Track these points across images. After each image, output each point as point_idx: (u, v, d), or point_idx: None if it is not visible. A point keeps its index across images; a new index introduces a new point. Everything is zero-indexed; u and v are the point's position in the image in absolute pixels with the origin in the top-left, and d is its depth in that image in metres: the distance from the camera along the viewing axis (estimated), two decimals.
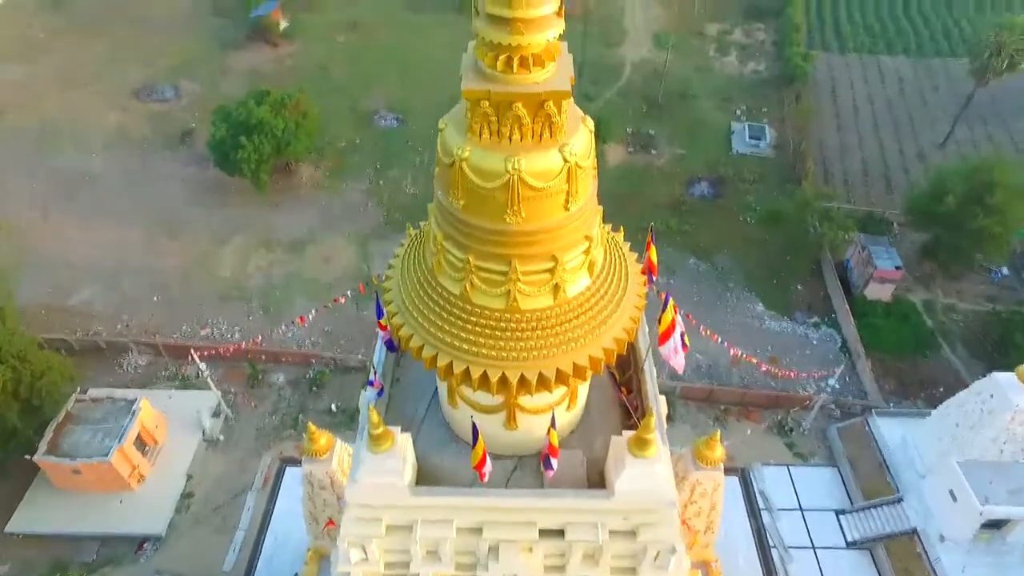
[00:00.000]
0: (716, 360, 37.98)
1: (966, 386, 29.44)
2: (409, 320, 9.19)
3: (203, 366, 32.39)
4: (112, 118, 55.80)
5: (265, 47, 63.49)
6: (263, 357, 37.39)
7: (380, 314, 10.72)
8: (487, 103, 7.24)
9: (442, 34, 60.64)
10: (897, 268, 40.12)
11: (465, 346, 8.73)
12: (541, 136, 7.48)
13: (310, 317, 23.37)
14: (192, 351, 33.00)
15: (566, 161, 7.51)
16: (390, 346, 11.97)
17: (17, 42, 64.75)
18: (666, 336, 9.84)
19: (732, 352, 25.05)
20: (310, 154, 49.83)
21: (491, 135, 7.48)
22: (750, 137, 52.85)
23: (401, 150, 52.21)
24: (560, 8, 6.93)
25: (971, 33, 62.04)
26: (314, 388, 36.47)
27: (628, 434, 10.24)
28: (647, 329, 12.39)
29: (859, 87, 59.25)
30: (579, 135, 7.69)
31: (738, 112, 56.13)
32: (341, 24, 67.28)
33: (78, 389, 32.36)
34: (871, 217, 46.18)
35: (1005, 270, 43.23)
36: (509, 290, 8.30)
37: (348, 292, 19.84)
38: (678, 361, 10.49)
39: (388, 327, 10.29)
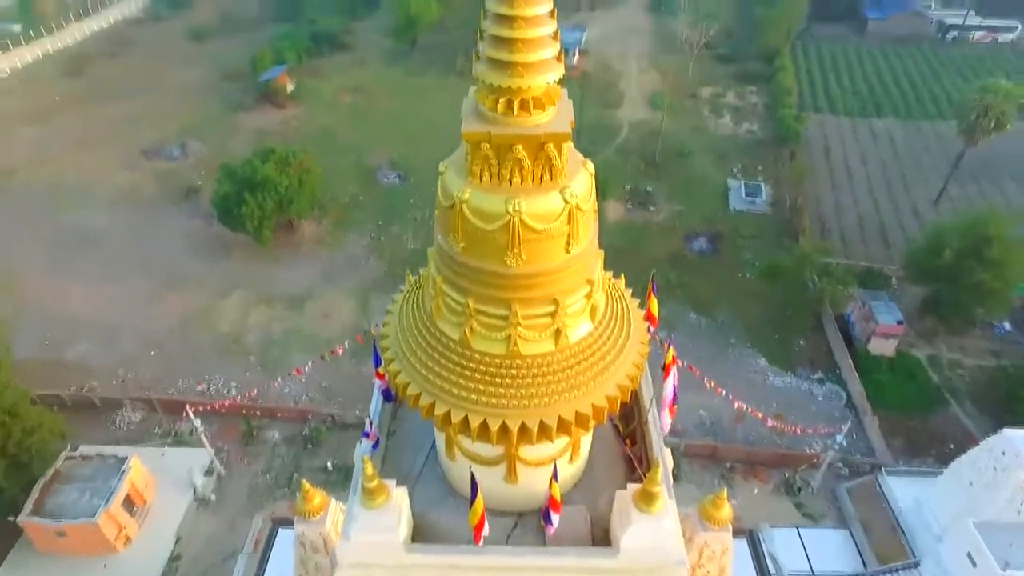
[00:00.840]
0: (719, 416, 37.26)
1: (977, 443, 28.71)
2: (406, 367, 8.98)
3: (197, 422, 31.73)
4: (120, 177, 56.92)
5: (272, 109, 65.44)
6: (258, 413, 36.70)
7: (377, 362, 10.51)
8: (487, 145, 7.28)
9: (443, 96, 62.52)
10: (899, 323, 39.94)
11: (464, 393, 8.49)
12: (541, 178, 7.50)
13: (307, 368, 23.04)
14: (187, 407, 32.41)
15: (567, 203, 7.50)
16: (387, 396, 11.70)
17: (35, 106, 66.98)
18: (665, 376, 9.61)
19: (736, 405, 24.54)
20: (313, 211, 50.45)
21: (491, 177, 7.50)
22: (746, 194, 53.67)
23: (403, 206, 52.94)
24: (559, 54, 7.08)
25: (957, 98, 63.97)
26: (310, 445, 35.63)
27: (633, 487, 9.85)
28: (650, 379, 12.16)
29: (851, 147, 60.65)
30: (580, 178, 7.72)
31: (734, 170, 57.22)
32: (346, 88, 69.62)
33: (68, 446, 31.59)
34: (870, 272, 46.30)
35: (1008, 325, 43.01)
36: (509, 335, 8.13)
37: (346, 343, 19.61)
38: (663, 420, 10.26)
39: (385, 376, 10.06)
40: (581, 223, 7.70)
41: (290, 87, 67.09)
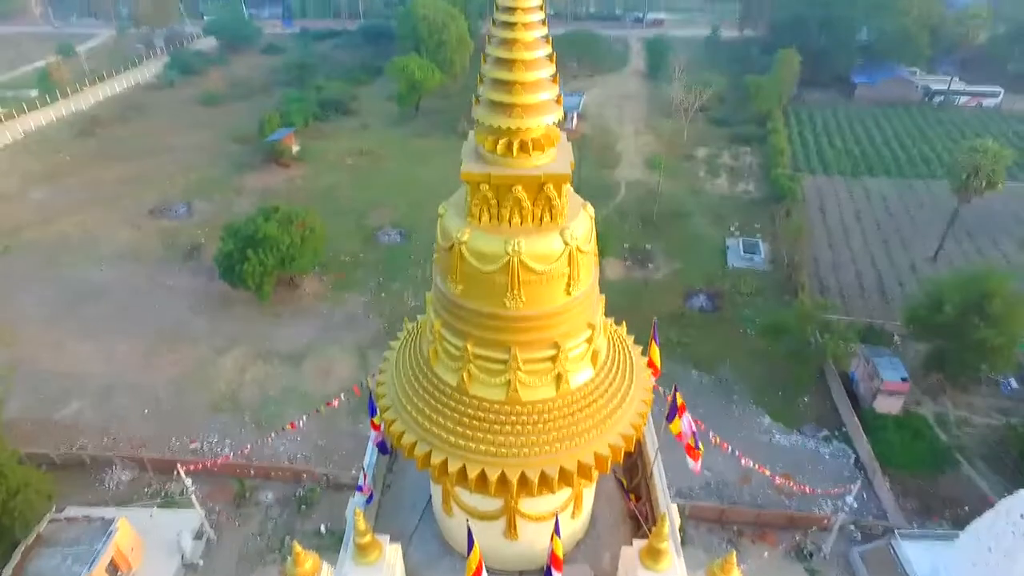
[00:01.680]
0: (725, 478, 36.27)
1: (991, 504, 27.83)
2: (402, 415, 8.74)
3: (188, 482, 30.81)
4: (124, 235, 57.54)
5: (277, 169, 66.85)
6: (252, 472, 35.72)
7: (373, 412, 10.26)
8: (487, 186, 7.32)
9: (445, 158, 63.96)
10: (904, 380, 39.41)
11: (462, 442, 8.22)
12: (541, 219, 7.50)
13: (301, 423, 22.53)
14: (178, 466, 31.55)
15: (567, 244, 7.47)
16: (382, 448, 11.37)
17: (46, 166, 68.56)
18: (680, 414, 9.33)
19: (743, 462, 23.88)
20: (314, 268, 50.75)
21: (491, 218, 7.50)
22: (744, 252, 54.08)
23: (404, 264, 53.26)
24: (558, 97, 7.22)
25: (947, 158, 65.50)
26: (303, 507, 34.50)
27: (639, 544, 9.42)
28: (654, 432, 11.83)
29: (846, 205, 61.57)
30: (580, 220, 7.73)
31: (731, 229, 57.87)
32: (350, 150, 71.37)
33: (53, 508, 30.60)
34: (871, 329, 46.06)
35: (1014, 382, 42.43)
36: (509, 380, 7.94)
37: (342, 395, 19.25)
38: (693, 463, 9.89)
39: (381, 426, 9.79)
40: (582, 265, 7.65)
41: (295, 148, 68.77)
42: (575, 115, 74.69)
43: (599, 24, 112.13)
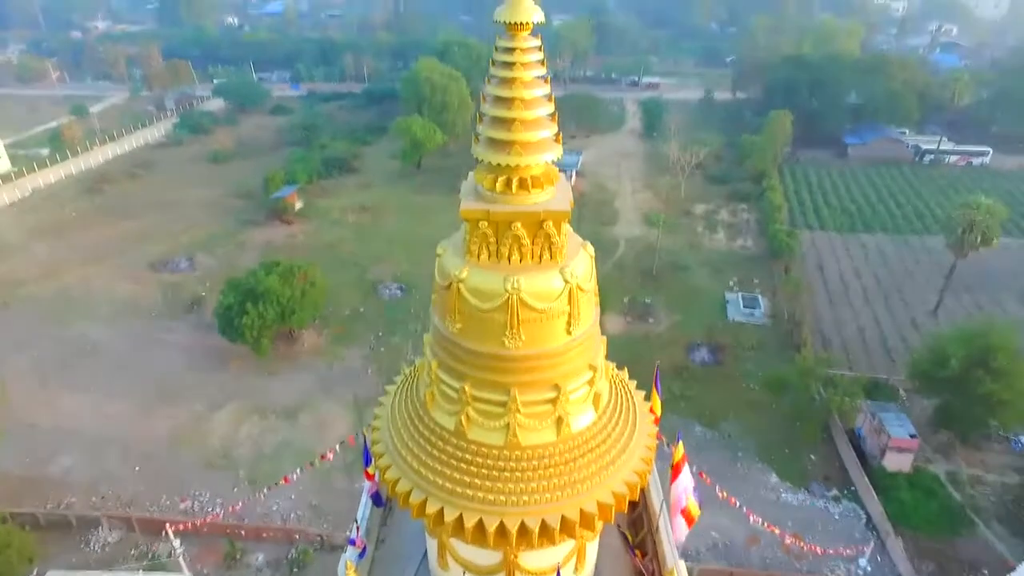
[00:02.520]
0: (732, 538, 35.00)
1: (1012, 568, 26.75)
2: (397, 461, 8.44)
3: (177, 543, 29.68)
4: (125, 289, 57.67)
5: (280, 225, 67.67)
6: (243, 533, 34.48)
7: (368, 461, 9.94)
8: (486, 223, 7.31)
9: (446, 214, 64.60)
10: (912, 436, 38.59)
11: (459, 489, 7.90)
12: (541, 257, 7.45)
13: (295, 477, 21.88)
14: (167, 526, 30.48)
15: (567, 282, 7.39)
16: (376, 500, 10.96)
17: (51, 222, 69.43)
18: (676, 473, 8.99)
19: (751, 519, 23.04)
20: (314, 321, 50.60)
21: (490, 256, 7.45)
22: (745, 306, 54.08)
23: (404, 318, 53.12)
24: (557, 135, 7.29)
25: (940, 214, 66.41)
26: (296, 569, 33.16)
27: None
28: (659, 483, 11.44)
29: (844, 261, 61.97)
30: (579, 258, 7.67)
31: (731, 283, 58.04)
32: (352, 206, 72.43)
33: (35, 571, 29.40)
34: (876, 384, 45.49)
35: None
36: (508, 423, 7.70)
37: (336, 447, 18.75)
38: (676, 529, 9.52)
39: (375, 476, 9.46)
40: (582, 304, 7.55)
41: (298, 205, 69.81)
42: (573, 173, 76.17)
43: (596, 87, 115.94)
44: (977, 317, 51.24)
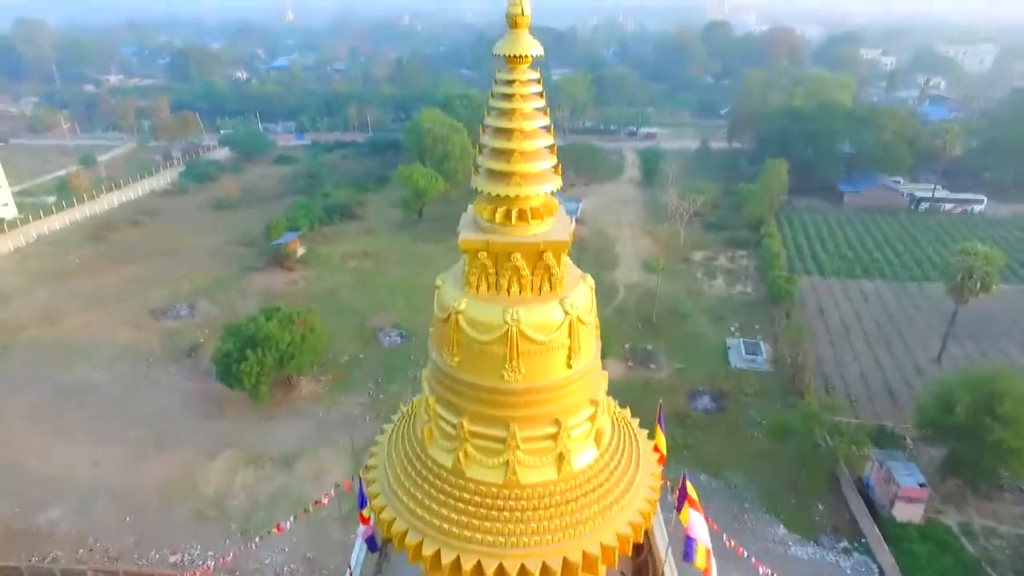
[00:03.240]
0: None
1: None
2: (393, 501, 8.17)
3: None
4: (124, 335, 57.45)
5: (281, 272, 67.95)
6: None
7: (363, 504, 9.65)
8: (485, 254, 7.28)
9: (448, 262, 62.42)
10: (921, 486, 37.67)
11: (456, 530, 7.61)
12: (541, 288, 7.39)
13: (288, 526, 21.19)
14: None
15: (567, 314, 7.31)
16: (371, 544, 10.57)
17: (54, 268, 69.79)
18: (679, 506, 8.68)
19: (762, 571, 22.20)
20: (313, 368, 50.19)
21: (489, 287, 7.40)
22: (746, 352, 53.72)
23: (403, 365, 52.70)
24: (557, 166, 7.35)
25: (938, 260, 66.70)
26: None
27: None
28: (663, 526, 11.05)
29: (844, 306, 61.90)
30: (580, 290, 7.61)
31: (732, 329, 57.83)
32: (354, 253, 72.91)
33: None
34: (882, 431, 44.72)
35: None
36: (507, 460, 7.48)
37: (331, 491, 18.23)
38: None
39: (371, 519, 9.15)
40: (583, 336, 7.44)
41: (300, 251, 70.28)
42: (573, 220, 75.59)
43: (595, 137, 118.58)
44: (981, 363, 50.85)
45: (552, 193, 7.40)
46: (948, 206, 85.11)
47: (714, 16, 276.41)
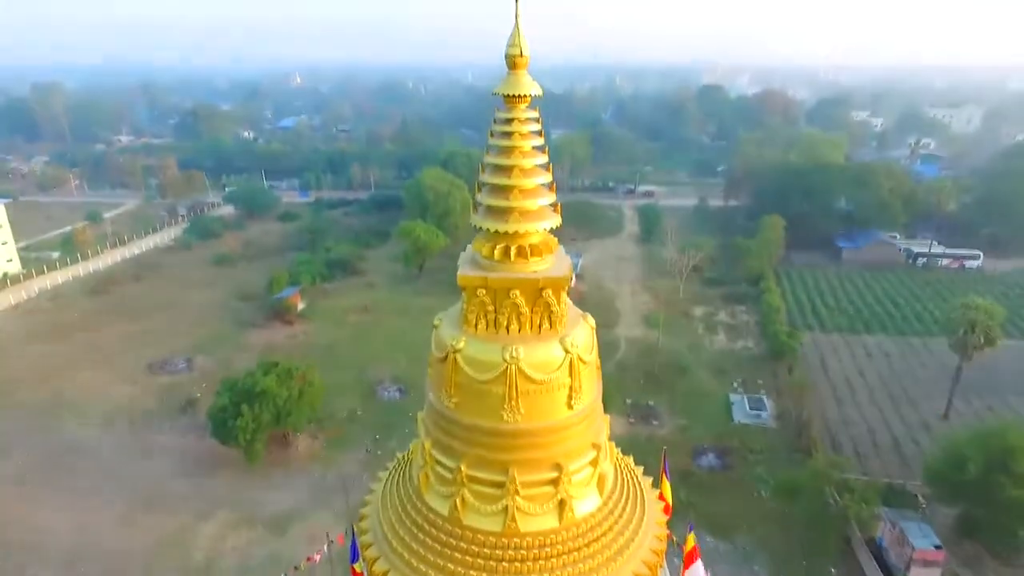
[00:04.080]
0: None
1: None
2: (387, 552, 7.81)
3: None
4: (120, 391, 56.76)
5: (281, 326, 67.76)
6: None
7: (355, 557, 9.21)
8: (484, 291, 7.20)
9: None
10: (937, 548, 36.32)
11: None
12: (540, 326, 7.28)
13: None
14: None
15: (567, 352, 7.16)
16: None
17: (53, 323, 69.66)
18: (689, 563, 8.27)
19: None
20: (309, 424, 49.31)
21: (488, 325, 7.29)
22: (750, 408, 52.94)
23: (402, 421, 51.80)
24: (556, 205, 7.36)
25: (939, 315, 66.56)
26: None
27: None
28: None
29: (847, 362, 61.37)
30: (580, 328, 7.50)
31: (735, 384, 57.16)
32: (354, 307, 72.93)
33: None
34: (892, 489, 43.49)
35: None
36: (506, 506, 7.17)
37: (324, 547, 17.48)
38: None
39: (363, 573, 8.72)
40: (584, 376, 7.27)
41: (301, 306, 70.30)
42: (573, 275, 77.31)
43: (594, 194, 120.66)
44: (989, 419, 50.00)
45: (551, 231, 7.40)
46: (945, 261, 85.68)
47: (708, 79, 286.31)
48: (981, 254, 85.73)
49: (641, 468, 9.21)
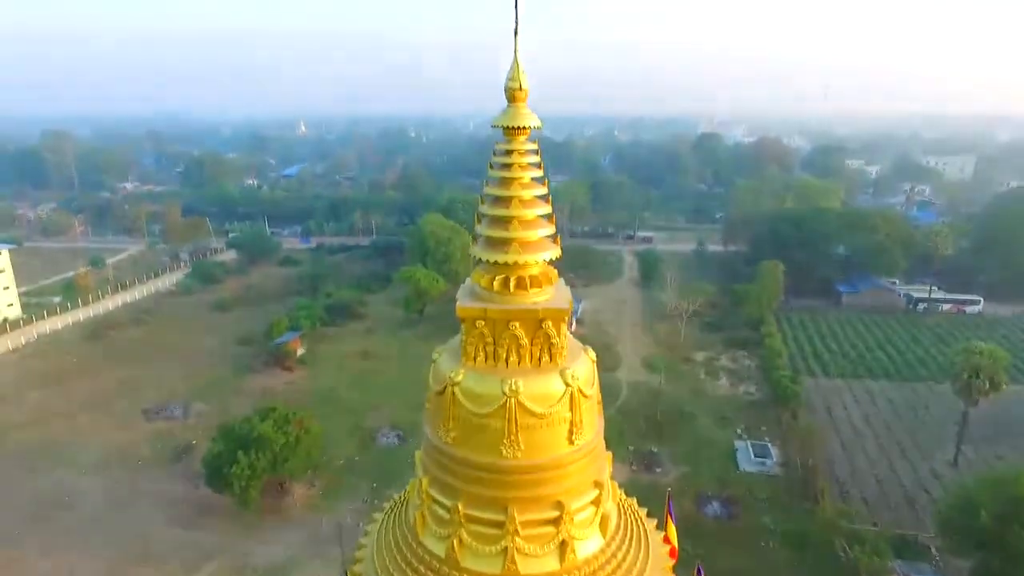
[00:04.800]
0: None
1: None
2: None
3: None
4: (114, 437, 55.91)
5: (280, 371, 67.23)
6: None
7: None
8: (483, 323, 7.12)
9: None
10: None
11: None
12: (540, 359, 7.16)
13: None
14: None
15: (568, 386, 7.02)
16: None
17: (51, 369, 69.16)
18: None
19: None
20: (306, 472, 48.34)
21: (487, 358, 7.17)
22: (755, 455, 51.95)
23: (400, 468, 50.77)
24: (556, 237, 7.35)
25: (942, 360, 66.09)
26: None
27: None
28: None
29: (852, 407, 60.61)
30: (581, 361, 7.38)
31: (738, 431, 56.30)
32: (354, 353, 72.53)
33: None
34: (904, 541, 42.26)
35: None
36: (506, 547, 6.89)
37: None
38: None
39: None
40: (584, 410, 7.11)
41: (300, 351, 69.88)
42: (574, 320, 77.16)
43: (593, 240, 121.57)
44: (1000, 467, 49.00)
45: (550, 262, 7.37)
46: (946, 306, 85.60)
47: (705, 128, 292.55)
48: (981, 299, 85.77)
49: (645, 510, 8.93)
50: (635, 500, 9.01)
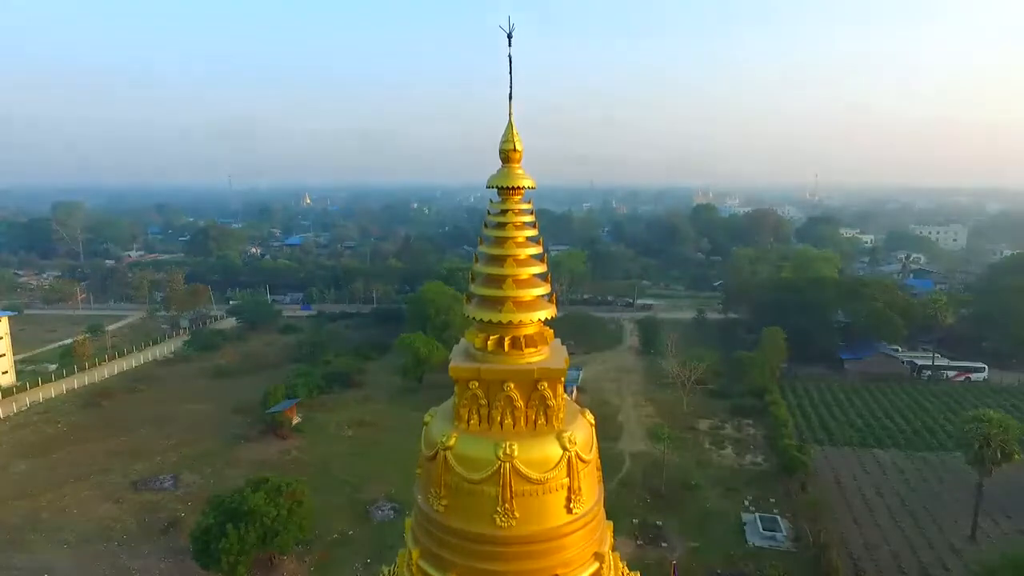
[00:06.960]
0: None
1: None
2: None
3: None
4: (100, 511, 53.98)
5: (275, 440, 65.73)
6: None
7: None
8: (476, 384, 6.92)
9: None
10: None
11: None
12: (536, 422, 6.92)
13: None
14: None
15: (565, 450, 6.74)
16: None
17: (40, 438, 67.67)
18: None
19: None
20: (297, 546, 46.41)
21: (480, 420, 6.93)
22: (764, 529, 49.96)
23: (395, 542, 48.50)
24: (552, 296, 7.26)
25: (950, 429, 64.72)
26: None
27: None
28: None
29: (862, 478, 58.82)
30: (578, 424, 7.12)
31: (746, 503, 54.41)
32: (350, 421, 71.15)
33: None
34: None
35: None
36: None
37: None
38: None
39: None
40: (583, 476, 6.78)
41: (296, 420, 68.58)
42: (574, 389, 76.07)
43: (593, 308, 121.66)
44: (1020, 541, 47.08)
45: (545, 322, 7.26)
46: (951, 374, 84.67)
47: (700, 200, 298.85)
48: (986, 367, 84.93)
49: None
50: (639, 574, 8.52)
